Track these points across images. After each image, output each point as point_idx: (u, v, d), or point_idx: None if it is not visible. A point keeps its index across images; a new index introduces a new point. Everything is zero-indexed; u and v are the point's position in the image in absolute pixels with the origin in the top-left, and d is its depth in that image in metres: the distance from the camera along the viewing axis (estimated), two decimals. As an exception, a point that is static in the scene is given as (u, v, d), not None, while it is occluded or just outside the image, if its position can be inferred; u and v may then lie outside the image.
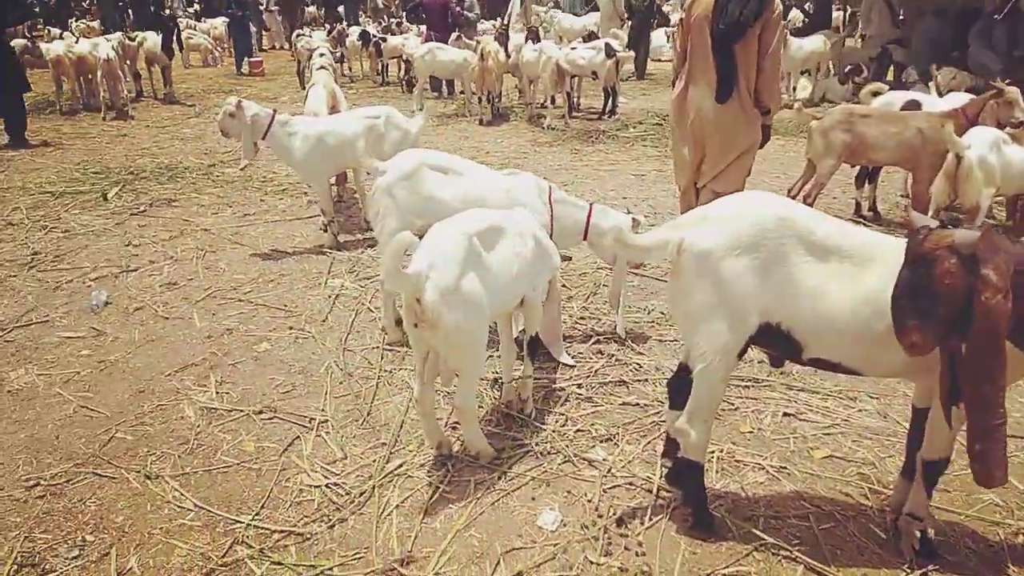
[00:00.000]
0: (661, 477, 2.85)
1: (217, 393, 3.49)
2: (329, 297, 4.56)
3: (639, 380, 3.62)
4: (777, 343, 2.35)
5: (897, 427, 3.29)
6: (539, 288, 3.14)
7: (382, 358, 3.80)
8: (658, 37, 16.09)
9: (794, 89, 12.03)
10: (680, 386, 2.66)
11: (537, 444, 3.07)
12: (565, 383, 3.57)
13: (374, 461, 2.96)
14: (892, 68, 13.09)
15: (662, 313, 4.35)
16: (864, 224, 5.92)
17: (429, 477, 2.87)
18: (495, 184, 3.81)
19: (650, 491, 2.82)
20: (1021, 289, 1.87)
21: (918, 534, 2.48)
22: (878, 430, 3.27)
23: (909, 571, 2.44)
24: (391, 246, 2.47)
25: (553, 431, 3.17)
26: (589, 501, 2.75)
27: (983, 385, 1.90)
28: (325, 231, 5.48)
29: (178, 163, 8.07)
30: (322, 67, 7.76)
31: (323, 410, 3.32)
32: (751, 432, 3.23)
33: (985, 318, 1.84)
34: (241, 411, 3.33)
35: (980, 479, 1.99)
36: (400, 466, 2.93)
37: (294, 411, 3.33)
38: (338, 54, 14.00)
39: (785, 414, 3.38)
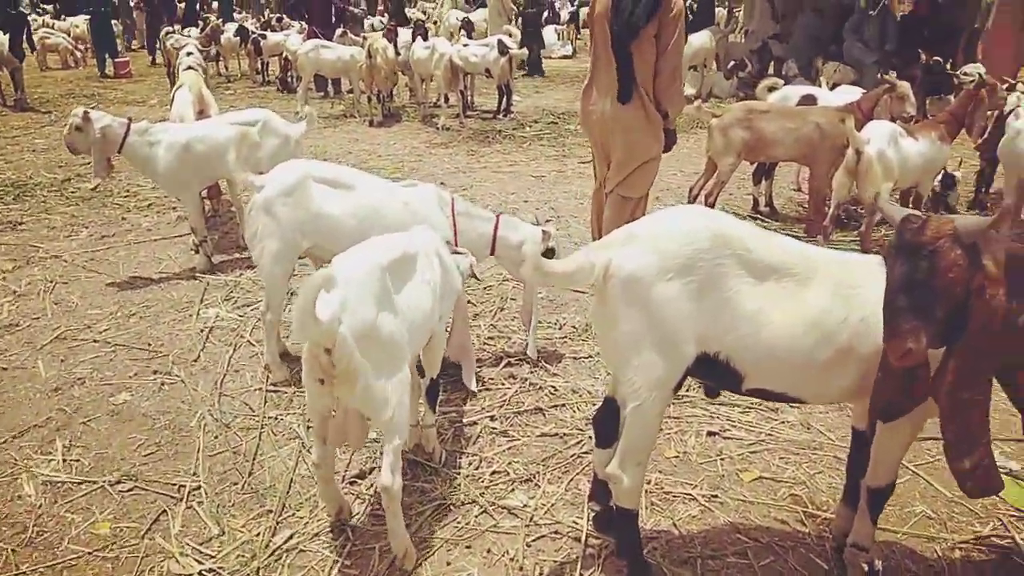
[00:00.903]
0: (589, 522, 2.57)
1: (64, 461, 2.92)
2: (202, 331, 4.01)
3: (556, 406, 3.34)
4: (715, 374, 2.10)
5: (821, 439, 3.16)
6: (445, 317, 2.79)
7: (265, 402, 3.33)
8: (549, 34, 16.00)
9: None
10: (607, 422, 2.39)
11: (450, 494, 2.72)
12: (477, 416, 3.24)
13: (258, 535, 2.51)
14: (773, 63, 13.55)
15: (574, 327, 4.10)
16: (762, 220, 5.92)
17: (325, 550, 2.46)
18: (392, 197, 3.42)
19: (578, 539, 2.53)
20: (1013, 282, 1.70)
21: (865, 567, 2.31)
22: (803, 443, 3.13)
23: (857, 607, 2.27)
24: (307, 286, 1.95)
25: (467, 476, 2.84)
26: (512, 559, 2.43)
27: (972, 392, 1.71)
28: (197, 252, 4.89)
29: (27, 178, 7.16)
30: (189, 67, 7.04)
31: (195, 474, 2.83)
32: (677, 457, 3.02)
33: (983, 317, 1.66)
34: (94, 483, 2.79)
35: (976, 490, 1.82)
36: (290, 538, 2.49)
37: (160, 478, 2.82)
38: (213, 52, 13.08)
39: (709, 433, 3.19)
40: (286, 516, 2.61)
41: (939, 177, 5.38)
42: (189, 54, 7.58)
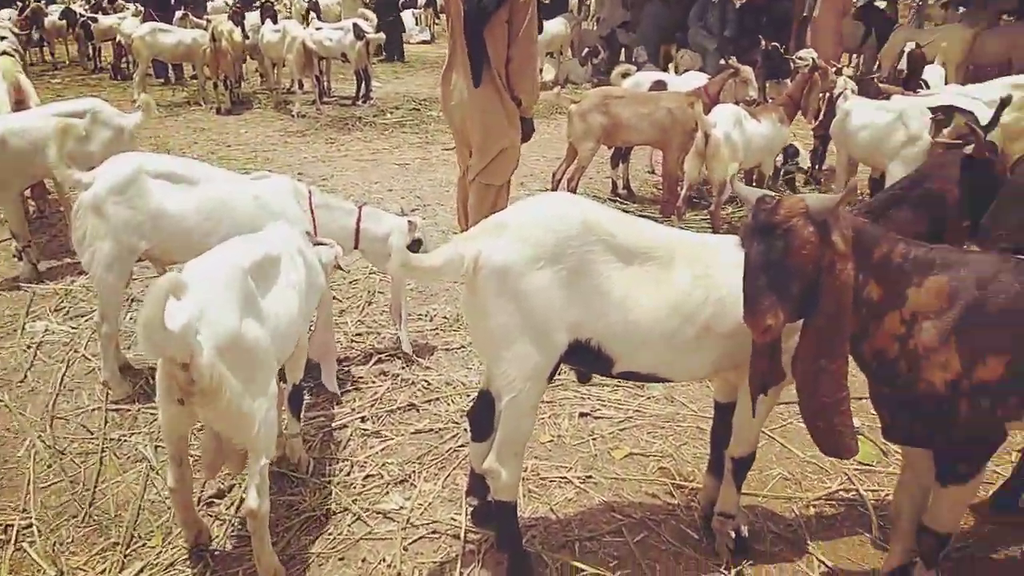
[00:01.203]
0: (468, 518, 2.53)
1: None
2: (29, 347, 3.59)
3: (430, 400, 3.27)
4: (587, 360, 2.11)
5: (684, 411, 3.29)
6: (308, 317, 2.63)
7: (106, 423, 3.02)
8: (407, 19, 15.71)
9: (541, 71, 12.33)
10: (482, 415, 2.35)
11: (320, 505, 2.59)
12: (347, 418, 3.11)
13: (103, 572, 2.27)
14: (623, 50, 14.02)
15: (445, 318, 4.04)
16: (621, 202, 6.11)
17: (182, 579, 2.26)
18: (241, 191, 3.18)
19: (457, 536, 2.48)
20: (859, 256, 1.79)
21: (732, 533, 2.41)
22: (668, 417, 3.25)
23: (726, 572, 2.36)
24: (153, 293, 1.72)
25: (338, 483, 2.71)
26: (389, 566, 2.35)
27: (829, 359, 1.79)
28: (20, 259, 4.37)
29: None
30: (4, 52, 6.30)
31: (24, 511, 2.52)
32: (552, 441, 3.04)
33: (832, 289, 1.73)
34: None
35: (830, 451, 1.91)
36: (141, 571, 2.27)
37: (-19, 519, 2.50)
38: (35, 37, 11.79)
39: (581, 414, 3.24)
40: (135, 547, 2.37)
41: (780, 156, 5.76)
42: (3, 38, 6.81)
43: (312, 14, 12.09)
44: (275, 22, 10.03)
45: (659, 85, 6.26)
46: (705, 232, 4.92)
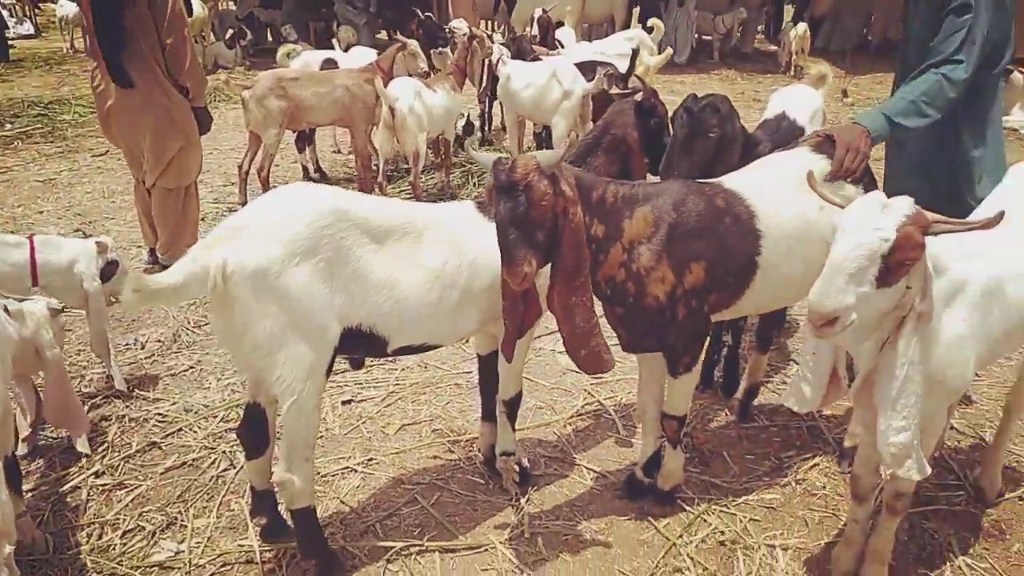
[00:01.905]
0: (258, 538, 2.38)
1: None
2: None
3: (171, 433, 2.95)
4: (361, 345, 2.10)
5: (439, 373, 3.44)
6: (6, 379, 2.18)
7: None
8: (-3, 11, 13.13)
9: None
10: (254, 430, 2.23)
11: (75, 581, 2.23)
12: (77, 477, 2.68)
13: None
14: (268, 29, 13.47)
15: (159, 341, 3.64)
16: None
17: None
18: None
19: (251, 561, 2.33)
20: (584, 200, 1.99)
21: (516, 467, 2.62)
22: (426, 383, 3.36)
23: (516, 503, 2.57)
24: None
25: (91, 551, 2.34)
26: (183, 618, 2.13)
27: (578, 295, 1.99)
28: None
29: None
30: None
31: None
32: (322, 436, 2.96)
33: (569, 232, 1.91)
34: None
35: (592, 370, 2.13)
36: None
37: None
38: None
39: (344, 402, 3.22)
40: None
41: (461, 122, 6.10)
42: None
43: None
44: None
45: (330, 63, 6.18)
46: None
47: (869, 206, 1.52)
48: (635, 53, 3.79)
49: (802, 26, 10.82)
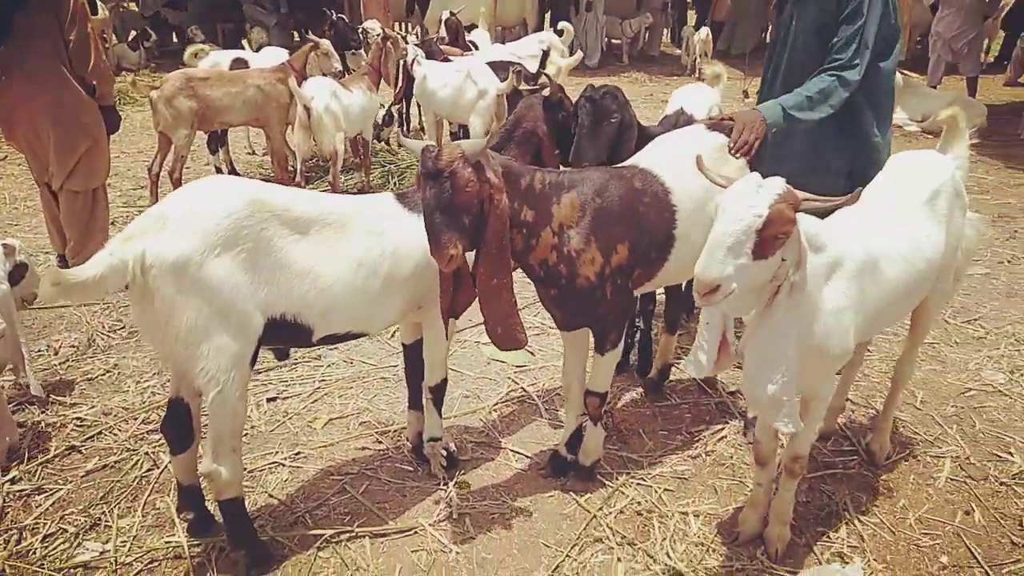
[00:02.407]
0: (185, 533, 2.38)
1: None
2: None
3: (91, 437, 2.90)
4: (286, 335, 2.13)
5: (365, 367, 3.49)
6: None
7: None
8: None
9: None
10: (178, 425, 2.24)
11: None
12: (-12, 487, 2.60)
13: None
14: (174, 31, 13.06)
15: (73, 346, 3.55)
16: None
17: None
18: None
19: (180, 557, 2.33)
20: (510, 187, 2.11)
21: (443, 452, 2.71)
22: (352, 377, 3.41)
23: (445, 487, 2.66)
24: None
25: (10, 555, 2.29)
26: (112, 616, 2.12)
27: (499, 278, 2.09)
28: None
29: None
30: None
31: None
32: (247, 434, 2.97)
33: (494, 218, 2.01)
34: None
35: (510, 347, 2.23)
36: None
37: None
38: None
39: (269, 399, 3.23)
40: None
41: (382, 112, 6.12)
42: None
43: None
44: None
45: (239, 63, 6.09)
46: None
47: (746, 186, 1.68)
48: (545, 54, 3.95)
49: (704, 30, 11.33)
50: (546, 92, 2.77)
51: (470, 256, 2.15)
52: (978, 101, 8.40)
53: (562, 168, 2.35)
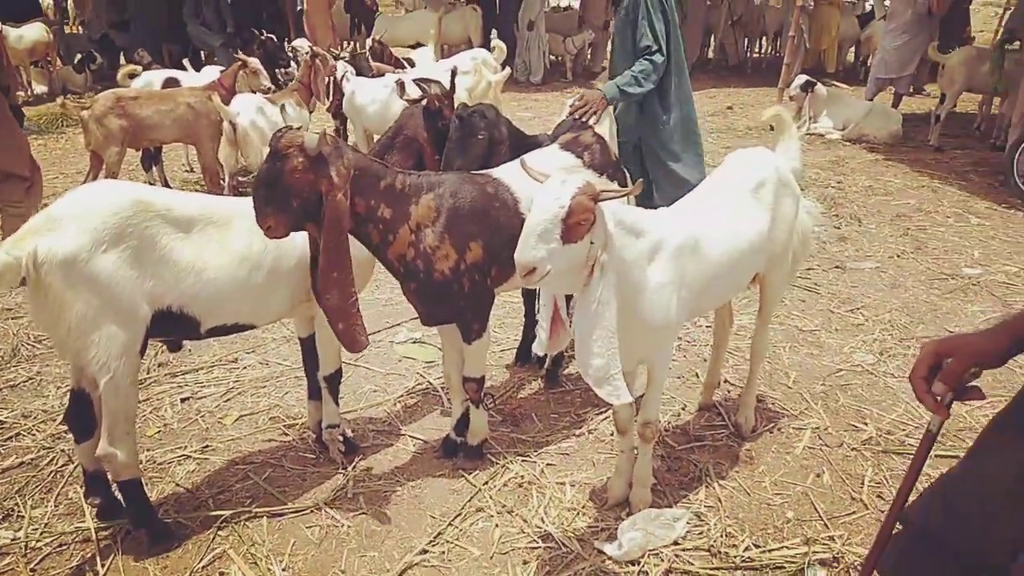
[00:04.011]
0: (94, 518, 2.56)
1: None
2: None
3: (9, 438, 3.05)
4: (174, 326, 2.33)
5: (280, 368, 3.68)
6: None
7: None
8: None
9: (30, 84, 10.93)
10: (80, 414, 2.42)
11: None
12: (-97, 485, 2.74)
13: None
14: (123, 53, 13.09)
15: (-4, 356, 3.68)
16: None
17: None
18: None
19: (88, 540, 2.50)
20: (359, 188, 2.31)
21: (340, 438, 2.92)
22: (267, 378, 3.60)
23: (344, 470, 2.87)
24: None
25: (-79, 545, 2.45)
26: (18, 597, 2.29)
27: (338, 271, 2.27)
28: None
29: None
30: None
31: None
32: (159, 432, 3.15)
33: (330, 212, 2.22)
34: None
35: (350, 348, 2.40)
36: None
37: None
38: None
39: (183, 399, 3.39)
40: None
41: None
42: None
43: None
44: None
45: (172, 82, 6.26)
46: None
47: (553, 182, 1.94)
48: (453, 72, 4.18)
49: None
50: (425, 102, 3.03)
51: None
52: (896, 111, 8.87)
53: (424, 172, 2.58)
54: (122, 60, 13.01)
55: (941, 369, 1.40)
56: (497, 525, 2.61)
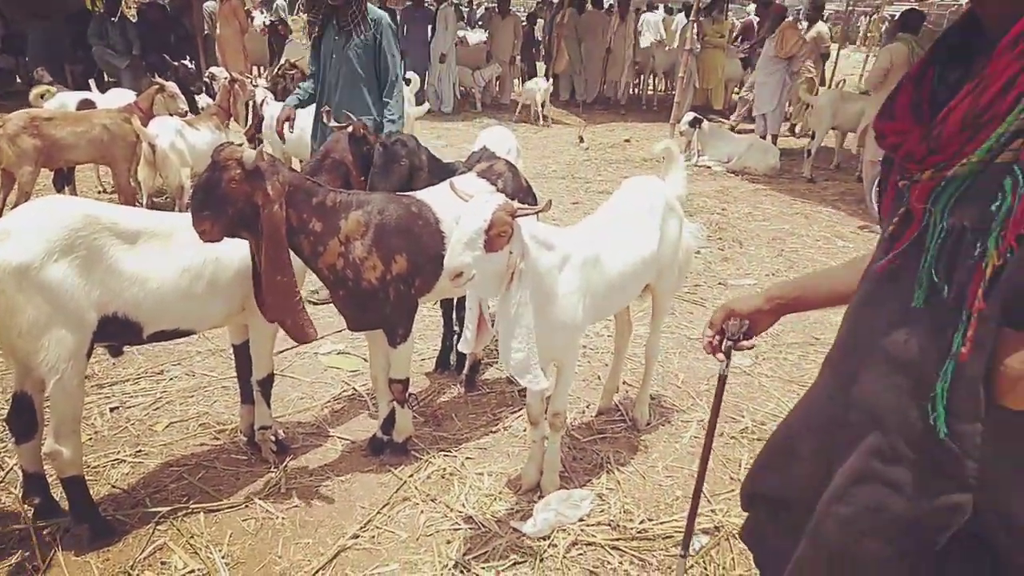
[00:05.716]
0: (32, 518, 2.65)
1: None
2: None
3: (-69, 448, 3.07)
4: (119, 332, 2.49)
5: (207, 379, 3.82)
6: None
7: None
8: None
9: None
10: (22, 416, 2.53)
11: None
12: None
13: None
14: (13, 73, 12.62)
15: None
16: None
17: None
18: None
19: (27, 538, 2.59)
20: (293, 203, 2.57)
21: (272, 439, 3.12)
22: (193, 388, 3.73)
23: (276, 469, 3.07)
24: None
25: None
26: (-39, 585, 2.37)
27: (280, 275, 2.52)
28: None
29: None
30: None
31: None
32: (91, 439, 3.23)
33: (268, 222, 2.46)
34: None
35: (301, 340, 2.65)
36: None
37: None
38: None
39: (112, 409, 3.49)
40: None
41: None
42: None
43: None
44: None
45: (87, 104, 6.24)
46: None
47: (478, 200, 2.28)
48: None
49: (544, 82, 12.37)
50: (350, 129, 3.32)
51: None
52: (774, 146, 9.78)
53: (353, 191, 2.86)
54: (17, 80, 12.61)
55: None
56: (423, 511, 2.87)
